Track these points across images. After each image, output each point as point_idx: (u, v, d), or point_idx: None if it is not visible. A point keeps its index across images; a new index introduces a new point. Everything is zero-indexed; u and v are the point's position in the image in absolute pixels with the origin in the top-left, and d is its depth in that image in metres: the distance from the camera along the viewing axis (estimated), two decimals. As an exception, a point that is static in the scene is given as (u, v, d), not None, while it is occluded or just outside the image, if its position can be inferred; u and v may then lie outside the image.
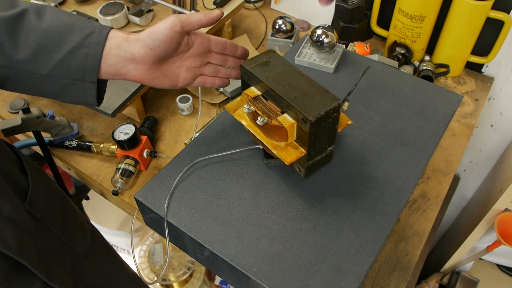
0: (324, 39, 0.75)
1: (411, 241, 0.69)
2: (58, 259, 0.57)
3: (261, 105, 0.54)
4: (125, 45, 0.50)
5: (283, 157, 0.52)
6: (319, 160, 0.55)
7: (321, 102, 0.49)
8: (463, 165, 1.28)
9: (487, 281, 1.29)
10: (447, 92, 0.71)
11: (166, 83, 0.56)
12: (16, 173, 0.56)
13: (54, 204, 0.61)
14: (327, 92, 0.51)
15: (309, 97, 0.50)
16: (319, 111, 0.48)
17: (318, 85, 0.52)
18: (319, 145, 0.52)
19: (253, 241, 0.51)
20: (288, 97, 0.50)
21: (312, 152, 0.52)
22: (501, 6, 0.89)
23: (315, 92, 0.51)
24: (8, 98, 0.95)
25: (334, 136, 0.53)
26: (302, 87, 0.52)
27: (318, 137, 0.51)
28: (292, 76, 0.53)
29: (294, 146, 0.53)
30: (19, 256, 0.47)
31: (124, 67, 0.51)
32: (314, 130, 0.49)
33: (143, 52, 0.50)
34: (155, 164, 0.81)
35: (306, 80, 0.53)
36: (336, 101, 0.49)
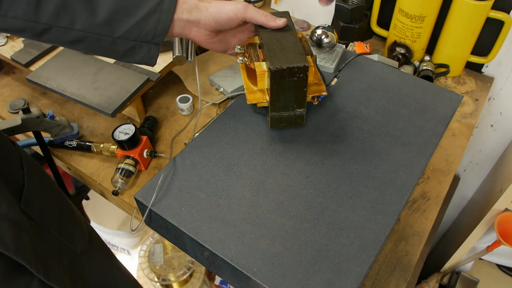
0: (324, 39, 0.75)
1: (411, 241, 0.69)
2: (55, 258, 0.57)
3: (252, 50, 0.61)
4: (195, 11, 0.55)
5: (248, 97, 0.58)
6: (287, 118, 0.59)
7: (290, 59, 0.54)
8: (463, 165, 1.28)
9: (487, 281, 1.29)
10: (447, 92, 0.71)
11: (219, 48, 0.63)
12: (14, 172, 0.56)
13: (52, 204, 0.61)
14: (302, 54, 0.55)
15: (284, 53, 0.55)
16: (282, 65, 0.53)
17: (300, 47, 0.56)
18: (284, 100, 0.57)
19: (253, 241, 0.51)
20: (268, 47, 0.56)
21: (276, 104, 0.57)
22: (501, 6, 0.89)
23: (293, 50, 0.55)
24: (8, 98, 0.95)
25: (303, 98, 0.57)
26: (286, 44, 0.57)
27: (281, 90, 0.56)
28: (285, 35, 0.59)
29: (263, 93, 0.59)
30: (16, 255, 0.47)
31: (189, 29, 0.57)
32: (274, 80, 0.54)
33: (208, 21, 0.56)
34: (155, 164, 0.81)
35: (294, 40, 0.58)
36: (303, 62, 0.53)
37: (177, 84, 0.98)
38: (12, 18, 0.48)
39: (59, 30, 0.50)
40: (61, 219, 0.62)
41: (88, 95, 0.81)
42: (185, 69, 0.98)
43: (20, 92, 0.97)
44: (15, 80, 1.00)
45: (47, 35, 0.51)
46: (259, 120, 0.66)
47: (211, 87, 0.95)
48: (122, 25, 0.51)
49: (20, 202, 0.53)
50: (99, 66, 0.87)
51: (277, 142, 0.62)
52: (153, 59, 0.57)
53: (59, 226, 0.60)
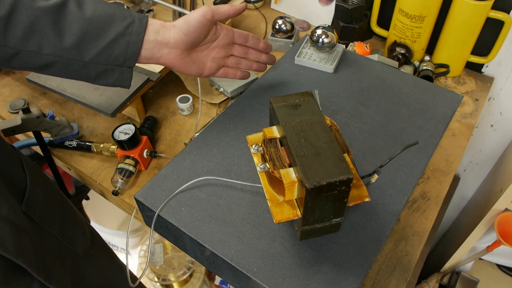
0: (324, 39, 0.75)
1: (411, 241, 0.69)
2: (57, 260, 0.57)
3: (273, 150, 0.50)
4: (162, 30, 0.55)
5: (274, 213, 0.47)
6: (321, 228, 0.48)
7: (329, 169, 0.42)
8: (463, 165, 1.28)
9: (487, 281, 1.29)
10: (447, 92, 0.71)
11: (194, 70, 0.61)
12: (15, 174, 0.56)
13: (53, 206, 0.61)
14: (343, 161, 0.43)
15: (320, 160, 0.44)
16: (320, 180, 0.41)
17: (337, 149, 0.45)
18: (319, 214, 0.46)
19: (253, 241, 0.51)
20: (297, 152, 0.44)
21: (310, 218, 0.46)
22: (501, 6, 0.89)
23: (329, 155, 0.44)
24: (8, 98, 0.95)
25: (342, 209, 0.46)
26: (319, 145, 0.45)
27: (317, 206, 0.44)
28: (314, 129, 0.47)
29: (292, 205, 0.48)
30: (16, 257, 0.47)
31: (158, 51, 0.56)
32: (310, 197, 0.42)
33: (178, 37, 0.55)
34: (155, 164, 0.81)
35: (327, 139, 0.46)
36: (346, 174, 0.42)
37: (177, 84, 0.98)
38: None
39: (28, 54, 0.50)
40: (62, 221, 0.62)
41: (88, 95, 0.81)
42: (185, 69, 0.98)
43: (20, 92, 0.97)
44: (15, 80, 1.00)
45: (17, 60, 0.50)
46: (259, 120, 0.66)
47: (211, 87, 0.95)
48: (91, 49, 0.51)
49: (22, 204, 0.53)
50: (99, 66, 0.87)
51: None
52: (127, 82, 0.56)
53: (60, 228, 0.60)
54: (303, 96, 0.51)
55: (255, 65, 0.67)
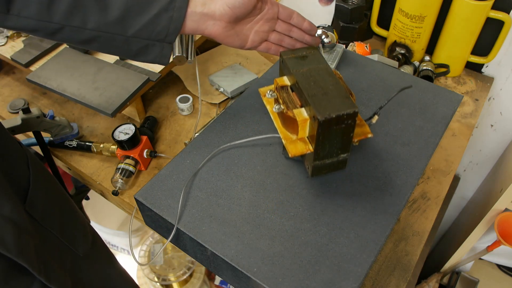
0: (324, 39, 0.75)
1: (411, 241, 0.69)
2: (57, 260, 0.57)
3: (285, 95, 0.56)
4: (208, 2, 0.55)
5: (289, 149, 0.53)
6: (329, 164, 0.54)
7: (337, 105, 0.49)
8: (463, 165, 1.28)
9: (487, 281, 1.29)
10: (447, 92, 0.71)
11: (237, 42, 0.60)
12: (19, 172, 0.56)
13: (55, 206, 0.61)
14: (348, 98, 0.50)
15: (328, 98, 0.50)
16: (331, 113, 0.48)
17: (342, 89, 0.51)
18: (329, 148, 0.52)
19: (253, 241, 0.51)
20: (308, 92, 0.51)
21: (320, 152, 0.52)
22: (501, 6, 0.89)
23: (336, 94, 0.51)
24: (8, 98, 0.95)
25: (348, 143, 0.52)
26: (327, 87, 0.52)
27: (327, 139, 0.50)
28: (321, 75, 0.54)
29: (304, 142, 0.54)
30: (17, 257, 0.47)
31: (204, 23, 0.55)
32: (322, 130, 0.49)
33: (223, 10, 0.55)
34: (155, 164, 0.81)
35: (333, 81, 0.53)
36: (352, 108, 0.48)
37: (177, 84, 0.98)
38: (25, 17, 0.49)
39: (72, 29, 0.50)
40: (63, 221, 0.61)
41: (88, 95, 0.81)
42: (185, 69, 0.98)
43: (20, 92, 0.97)
44: (15, 80, 1.00)
45: (60, 35, 0.51)
46: (259, 120, 0.66)
47: (211, 87, 0.95)
48: (134, 24, 0.51)
49: (25, 203, 0.53)
50: (99, 66, 0.87)
51: (277, 142, 0.62)
52: (166, 58, 0.56)
53: (61, 228, 0.60)
54: (310, 49, 0.59)
55: (298, 44, 0.64)
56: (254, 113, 0.67)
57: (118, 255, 1.70)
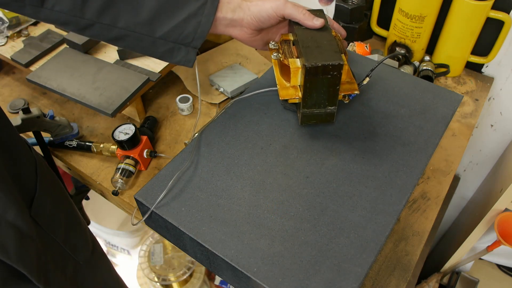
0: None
1: (411, 241, 0.69)
2: (59, 268, 0.56)
3: (286, 47, 0.61)
4: (238, 10, 0.57)
5: (280, 93, 0.59)
6: (317, 115, 0.60)
7: (326, 56, 0.54)
8: (463, 165, 1.28)
9: (487, 281, 1.29)
10: (447, 92, 0.71)
11: (261, 45, 0.64)
12: (27, 177, 0.56)
13: (60, 213, 0.60)
14: (337, 52, 0.55)
15: (319, 50, 0.55)
16: (317, 62, 0.53)
17: (334, 45, 0.56)
18: (316, 97, 0.57)
19: (253, 241, 0.51)
20: (303, 44, 0.56)
21: (308, 100, 0.57)
22: (501, 6, 0.89)
23: (328, 48, 0.55)
24: (8, 98, 0.95)
25: (335, 96, 0.57)
26: (321, 42, 0.57)
27: (314, 88, 0.56)
28: (320, 33, 0.59)
29: (295, 89, 0.59)
30: (17, 263, 0.46)
31: (232, 27, 0.59)
32: (309, 77, 0.54)
33: (250, 20, 0.58)
34: (155, 164, 0.81)
35: (329, 38, 0.58)
36: (338, 59, 0.53)
37: (177, 84, 0.98)
38: (58, 12, 0.49)
39: (102, 26, 0.51)
40: (67, 228, 0.61)
41: (88, 95, 0.81)
42: (185, 69, 0.98)
43: (20, 92, 0.97)
44: (15, 80, 1.00)
45: (90, 31, 0.52)
46: (259, 120, 0.66)
47: (211, 87, 0.95)
48: (163, 26, 0.52)
49: (30, 208, 0.53)
50: (99, 66, 0.87)
51: (277, 142, 0.62)
52: (190, 62, 0.57)
53: (65, 235, 0.60)
54: (315, 11, 0.62)
55: None
56: (254, 113, 0.67)
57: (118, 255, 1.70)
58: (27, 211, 0.52)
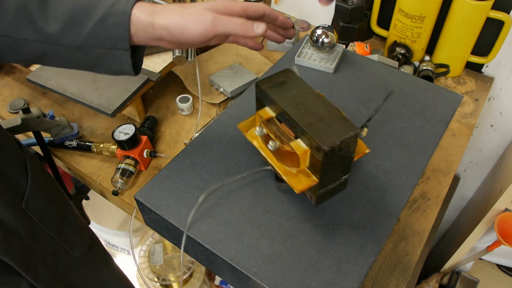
0: (324, 39, 0.75)
1: (411, 241, 0.69)
2: (49, 261, 0.57)
3: (275, 127, 0.52)
4: (150, 30, 0.49)
5: (294, 185, 0.50)
6: (332, 189, 0.52)
7: (338, 130, 0.46)
8: (463, 165, 1.28)
9: (487, 281, 1.29)
10: (447, 92, 0.71)
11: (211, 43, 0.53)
12: (17, 172, 0.56)
13: (53, 207, 0.61)
14: (345, 120, 0.47)
15: (325, 124, 0.47)
16: (334, 140, 0.45)
17: (336, 111, 0.49)
18: (332, 174, 0.49)
19: (253, 241, 0.51)
20: (302, 122, 0.47)
21: (325, 181, 0.49)
22: (501, 6, 0.89)
23: (332, 118, 0.48)
24: (8, 98, 0.95)
25: (349, 165, 0.50)
26: (319, 112, 0.49)
27: (332, 167, 0.48)
28: (309, 99, 0.50)
29: (306, 174, 0.50)
30: (4, 255, 0.47)
31: (154, 43, 0.50)
32: (327, 159, 0.46)
33: (172, 39, 0.50)
34: (155, 164, 0.81)
35: (324, 104, 0.50)
36: (354, 130, 0.46)
37: (177, 84, 0.98)
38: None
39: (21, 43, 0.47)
40: (61, 222, 0.61)
41: (88, 95, 0.81)
42: (185, 69, 0.98)
43: (20, 92, 0.97)
44: (15, 80, 1.00)
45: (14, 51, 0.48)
46: (259, 120, 0.66)
47: (211, 87, 0.95)
48: (78, 33, 0.48)
49: (22, 201, 0.53)
50: (99, 66, 0.87)
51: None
52: (127, 66, 0.50)
53: (58, 229, 0.60)
54: (285, 74, 0.53)
55: (270, 35, 0.58)
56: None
57: (118, 255, 1.70)
58: (18, 205, 0.53)
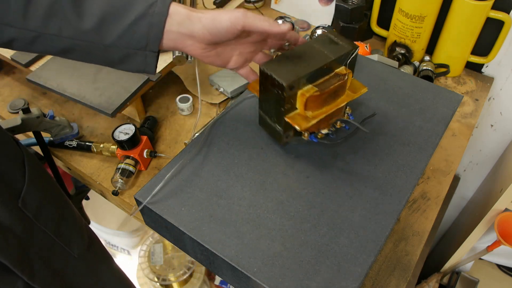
0: (324, 39, 0.75)
1: (411, 241, 0.69)
2: (46, 259, 0.57)
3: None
4: (186, 23, 0.50)
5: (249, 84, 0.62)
6: (269, 125, 0.60)
7: (281, 69, 0.53)
8: (463, 165, 1.28)
9: (487, 281, 1.29)
10: (447, 92, 0.71)
11: (218, 62, 0.57)
12: (14, 171, 0.56)
13: (51, 205, 0.61)
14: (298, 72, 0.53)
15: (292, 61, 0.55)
16: (267, 68, 0.53)
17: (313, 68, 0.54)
18: (268, 105, 0.58)
19: (253, 241, 0.51)
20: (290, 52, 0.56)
21: (262, 104, 0.59)
22: (501, 6, 0.89)
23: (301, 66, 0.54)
24: (8, 98, 0.95)
25: (280, 114, 0.56)
26: (307, 57, 0.55)
27: (265, 93, 0.57)
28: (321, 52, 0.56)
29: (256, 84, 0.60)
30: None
31: (182, 42, 0.52)
32: (261, 78, 0.55)
33: (202, 33, 0.51)
34: (155, 164, 0.81)
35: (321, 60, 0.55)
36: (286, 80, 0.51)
37: (177, 84, 0.98)
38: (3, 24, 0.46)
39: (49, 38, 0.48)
40: (59, 221, 0.61)
41: (88, 95, 0.81)
42: (185, 69, 0.98)
43: (20, 92, 0.97)
44: (15, 80, 1.00)
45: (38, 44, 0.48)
46: (259, 120, 0.66)
47: (211, 87, 0.95)
48: (112, 32, 0.48)
49: (19, 200, 0.53)
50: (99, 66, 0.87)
51: (277, 142, 0.62)
52: (151, 67, 0.52)
53: (56, 227, 0.60)
54: None
55: None
56: (254, 113, 0.67)
57: (118, 255, 1.70)
58: (14, 203, 0.53)
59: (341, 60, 0.56)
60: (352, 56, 0.56)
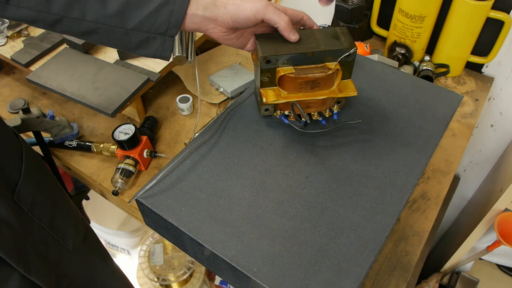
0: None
1: (411, 241, 0.69)
2: (41, 252, 0.57)
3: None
4: (211, 7, 0.54)
5: None
6: None
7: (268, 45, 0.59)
8: (463, 165, 1.28)
9: (487, 281, 1.29)
10: (447, 92, 0.71)
11: (236, 44, 0.62)
12: (11, 164, 0.56)
13: (46, 198, 0.61)
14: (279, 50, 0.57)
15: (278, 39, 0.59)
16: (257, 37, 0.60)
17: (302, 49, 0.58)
18: None
19: (253, 241, 0.51)
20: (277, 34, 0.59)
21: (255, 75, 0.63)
22: (501, 6, 0.89)
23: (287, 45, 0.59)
24: (8, 98, 0.95)
25: None
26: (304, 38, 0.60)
27: None
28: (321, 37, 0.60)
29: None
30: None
31: (205, 25, 0.56)
32: None
33: (225, 19, 0.55)
34: (155, 164, 0.81)
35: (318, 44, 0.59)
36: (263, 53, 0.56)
37: (177, 84, 0.98)
38: (24, 8, 0.49)
39: (71, 21, 0.50)
40: (53, 213, 0.62)
41: (88, 95, 0.81)
42: (185, 69, 0.98)
43: (20, 92, 0.97)
44: (15, 80, 1.00)
45: (60, 26, 0.51)
46: (259, 120, 0.66)
47: (211, 87, 0.95)
48: (134, 17, 0.51)
49: (14, 193, 0.54)
50: (99, 66, 0.87)
51: (277, 142, 0.62)
52: (167, 52, 0.55)
53: (51, 220, 0.60)
54: None
55: None
56: (254, 113, 0.67)
57: (118, 255, 1.70)
58: (10, 196, 0.53)
59: (336, 56, 0.59)
60: (346, 55, 0.58)
